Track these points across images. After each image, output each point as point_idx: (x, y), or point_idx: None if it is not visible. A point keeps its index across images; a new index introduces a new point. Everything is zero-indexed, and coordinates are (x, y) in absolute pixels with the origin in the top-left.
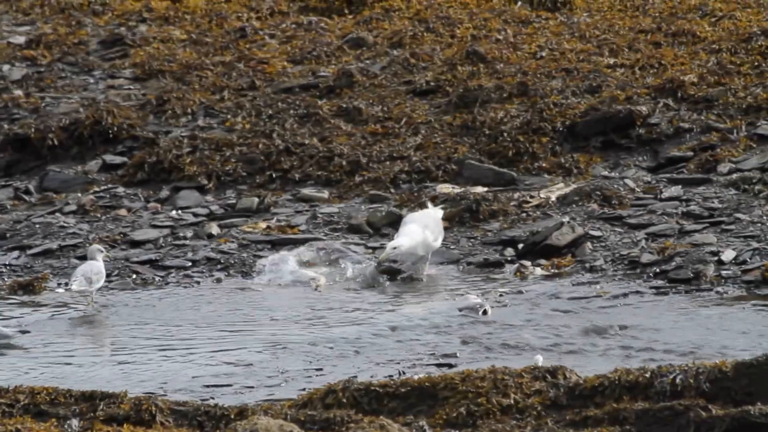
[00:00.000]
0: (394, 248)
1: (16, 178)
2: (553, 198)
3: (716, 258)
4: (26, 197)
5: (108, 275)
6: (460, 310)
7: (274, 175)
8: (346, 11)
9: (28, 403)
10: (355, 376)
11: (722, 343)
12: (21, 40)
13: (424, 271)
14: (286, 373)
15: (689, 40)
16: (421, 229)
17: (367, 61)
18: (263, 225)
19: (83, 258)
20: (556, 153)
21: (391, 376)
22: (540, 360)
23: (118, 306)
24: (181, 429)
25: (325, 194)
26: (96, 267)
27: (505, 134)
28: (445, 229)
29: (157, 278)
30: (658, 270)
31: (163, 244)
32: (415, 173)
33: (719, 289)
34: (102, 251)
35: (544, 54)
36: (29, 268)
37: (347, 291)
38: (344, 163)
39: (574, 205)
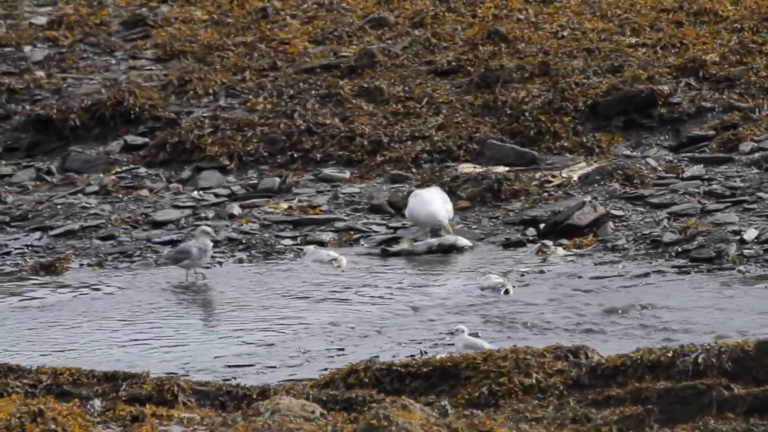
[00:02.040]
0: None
1: (39, 159)
2: (575, 177)
3: (738, 237)
4: (48, 178)
5: (130, 255)
6: (482, 289)
7: (295, 155)
8: None
9: (51, 384)
10: (377, 356)
11: (744, 322)
12: (43, 20)
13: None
14: (307, 353)
15: (711, 19)
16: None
17: (389, 41)
18: (285, 205)
19: (106, 238)
20: (577, 132)
21: (413, 355)
22: (463, 329)
23: (139, 286)
24: (203, 409)
25: (347, 174)
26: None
27: (527, 114)
28: (467, 208)
29: None
30: (680, 249)
31: (184, 225)
32: (437, 153)
33: (741, 267)
34: (209, 233)
35: (565, 33)
36: (51, 249)
37: (368, 271)
38: (365, 143)
39: (595, 185)
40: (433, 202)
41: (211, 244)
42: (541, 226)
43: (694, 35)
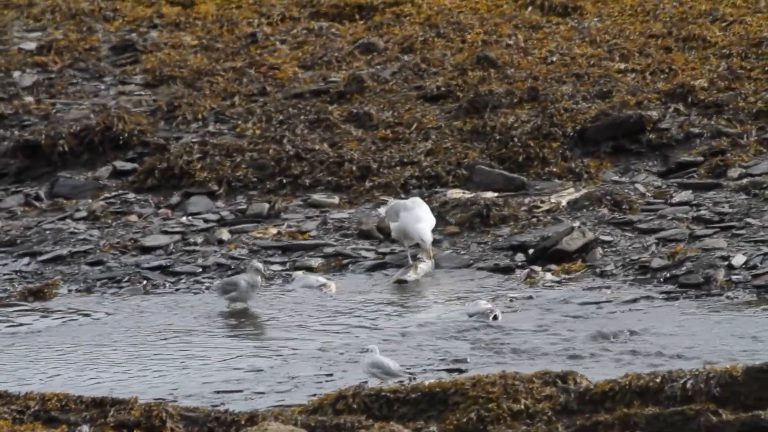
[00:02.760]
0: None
1: (27, 184)
2: (564, 203)
3: (727, 263)
4: (37, 203)
5: (118, 280)
6: (471, 315)
7: (284, 181)
8: (357, 17)
9: (39, 410)
10: (366, 382)
11: (733, 347)
12: (32, 46)
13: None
14: (296, 379)
15: (700, 45)
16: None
17: (378, 67)
18: (274, 231)
19: (94, 264)
20: (566, 158)
21: (402, 381)
22: (374, 349)
23: (127, 312)
24: None
25: (336, 200)
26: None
27: (516, 139)
28: (456, 234)
29: (167, 284)
30: (668, 275)
31: (173, 250)
32: (426, 178)
33: (730, 293)
34: (260, 270)
35: (554, 59)
36: (40, 275)
37: (357, 296)
38: (354, 168)
39: (584, 210)
40: (423, 221)
41: (260, 281)
42: (530, 251)
43: (683, 61)
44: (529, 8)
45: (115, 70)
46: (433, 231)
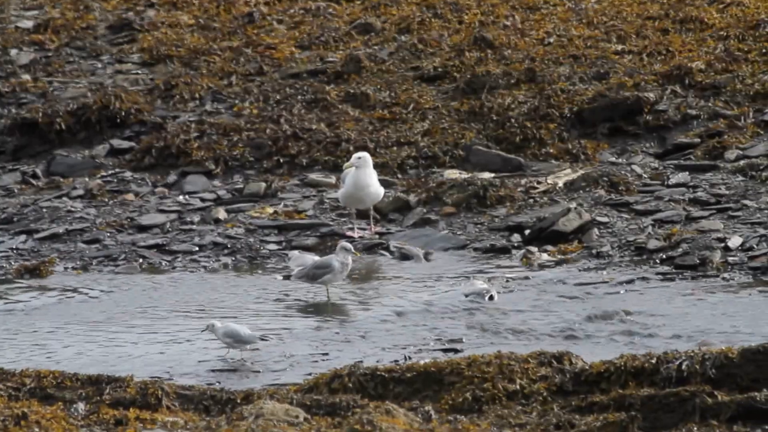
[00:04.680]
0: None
1: (24, 162)
2: (561, 184)
3: (723, 244)
4: (33, 181)
5: (114, 259)
6: (467, 295)
7: (281, 161)
8: None
9: (35, 387)
10: (361, 361)
11: (728, 329)
12: (29, 24)
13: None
14: (292, 358)
15: (697, 27)
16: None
17: (375, 47)
18: (270, 210)
19: (91, 242)
20: (563, 139)
21: (397, 361)
22: (214, 323)
23: (124, 290)
24: (187, 413)
25: (333, 179)
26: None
27: (513, 120)
28: (453, 214)
29: (164, 263)
30: (664, 256)
31: (170, 229)
32: (423, 159)
33: (726, 275)
34: (349, 249)
35: (551, 40)
36: (36, 252)
37: (353, 276)
38: (351, 148)
39: (581, 191)
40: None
41: (350, 260)
42: (527, 232)
43: (680, 43)
44: None
45: (112, 48)
46: (431, 211)
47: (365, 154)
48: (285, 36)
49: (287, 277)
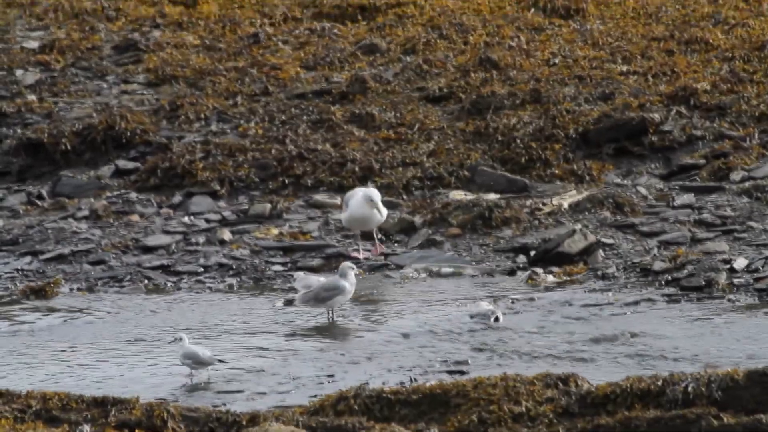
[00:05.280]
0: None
1: (29, 183)
2: (566, 205)
3: (728, 266)
4: (39, 202)
5: (120, 280)
6: (472, 317)
7: (286, 181)
8: (360, 17)
9: (40, 409)
10: (367, 383)
11: (734, 351)
12: (35, 44)
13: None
14: (297, 380)
15: (702, 48)
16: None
17: (380, 68)
18: (275, 231)
19: (96, 263)
20: (568, 160)
21: (403, 383)
22: (182, 337)
23: (129, 311)
24: None
25: (338, 200)
26: (333, 283)
27: (518, 141)
28: (458, 236)
29: (169, 284)
30: (670, 278)
31: (175, 250)
32: (428, 179)
33: (731, 297)
34: (353, 268)
35: (557, 61)
36: (41, 273)
37: (359, 297)
38: (357, 169)
39: (586, 213)
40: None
41: (355, 278)
42: (532, 253)
43: (685, 64)
44: (532, 10)
45: (118, 69)
46: (436, 232)
47: (374, 192)
48: (290, 56)
49: (289, 303)
